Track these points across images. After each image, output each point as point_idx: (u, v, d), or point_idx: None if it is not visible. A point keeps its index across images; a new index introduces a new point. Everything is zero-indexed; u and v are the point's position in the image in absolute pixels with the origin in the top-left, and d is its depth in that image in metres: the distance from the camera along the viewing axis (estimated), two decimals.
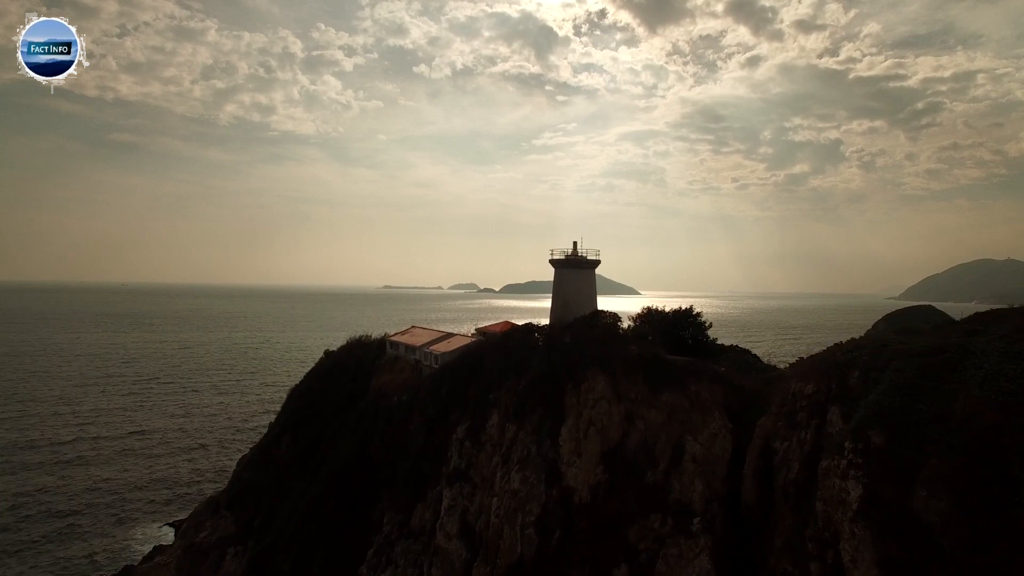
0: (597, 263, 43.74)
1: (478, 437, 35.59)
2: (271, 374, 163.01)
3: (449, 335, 52.00)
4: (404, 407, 41.87)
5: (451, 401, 38.94)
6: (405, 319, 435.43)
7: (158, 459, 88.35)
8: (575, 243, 43.68)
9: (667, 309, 50.96)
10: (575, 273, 42.26)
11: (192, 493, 75.39)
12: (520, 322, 46.27)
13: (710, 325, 48.82)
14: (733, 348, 49.71)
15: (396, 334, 57.77)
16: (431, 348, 47.75)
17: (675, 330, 48.63)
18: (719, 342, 50.56)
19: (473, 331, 61.51)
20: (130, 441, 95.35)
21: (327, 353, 57.86)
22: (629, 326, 52.79)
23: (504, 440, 33.80)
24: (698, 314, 48.72)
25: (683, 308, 49.55)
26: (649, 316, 50.93)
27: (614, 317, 38.97)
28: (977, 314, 33.86)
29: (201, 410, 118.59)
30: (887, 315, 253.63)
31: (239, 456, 71.11)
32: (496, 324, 57.24)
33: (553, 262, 43.26)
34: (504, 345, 39.13)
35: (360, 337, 59.43)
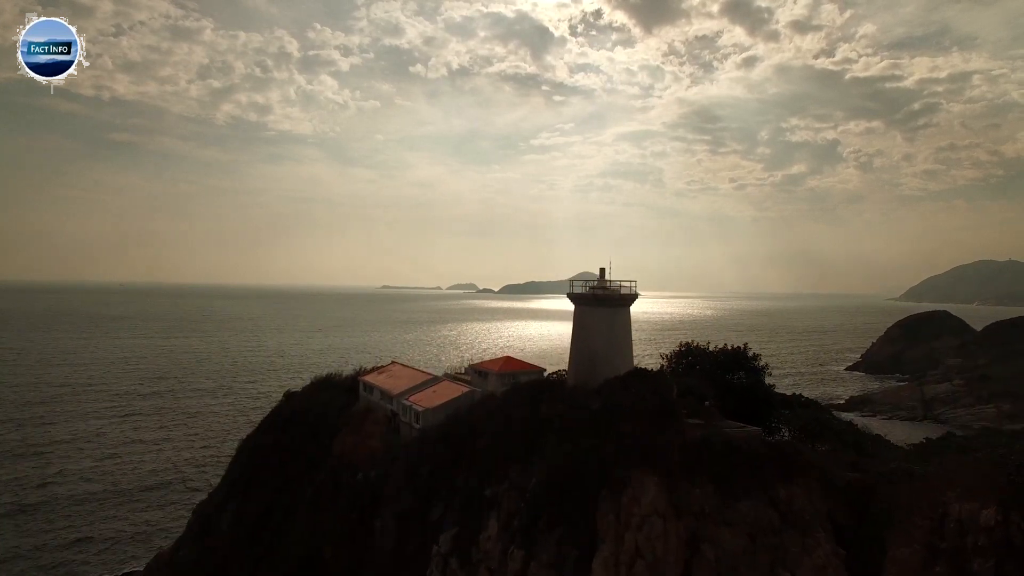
0: (634, 298, 32.85)
1: (468, 554, 24.99)
2: (260, 386, 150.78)
3: (435, 379, 41.32)
4: (371, 488, 31.36)
5: (433, 488, 28.43)
6: (403, 320, 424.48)
7: (119, 499, 76.74)
8: (603, 270, 32.73)
9: (711, 346, 40.51)
10: (604, 313, 30.91)
11: (145, 549, 64.44)
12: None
13: (767, 369, 38.23)
14: (797, 399, 39.03)
15: (372, 372, 47.12)
16: (411, 400, 37.14)
17: (723, 373, 38.22)
18: (774, 385, 40.01)
19: (466, 367, 50.97)
20: (92, 478, 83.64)
21: (288, 396, 47.27)
22: (663, 367, 42.30)
23: (507, 570, 23.21)
24: (754, 356, 38.18)
25: (733, 347, 38.98)
26: (689, 354, 40.51)
27: (662, 379, 28.10)
28: None
29: (178, 433, 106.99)
30: (900, 321, 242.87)
31: (203, 498, 60.48)
32: (494, 361, 46.63)
33: (573, 297, 32.22)
34: (505, 411, 28.58)
35: (328, 375, 48.79)
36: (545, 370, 45.52)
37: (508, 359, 45.74)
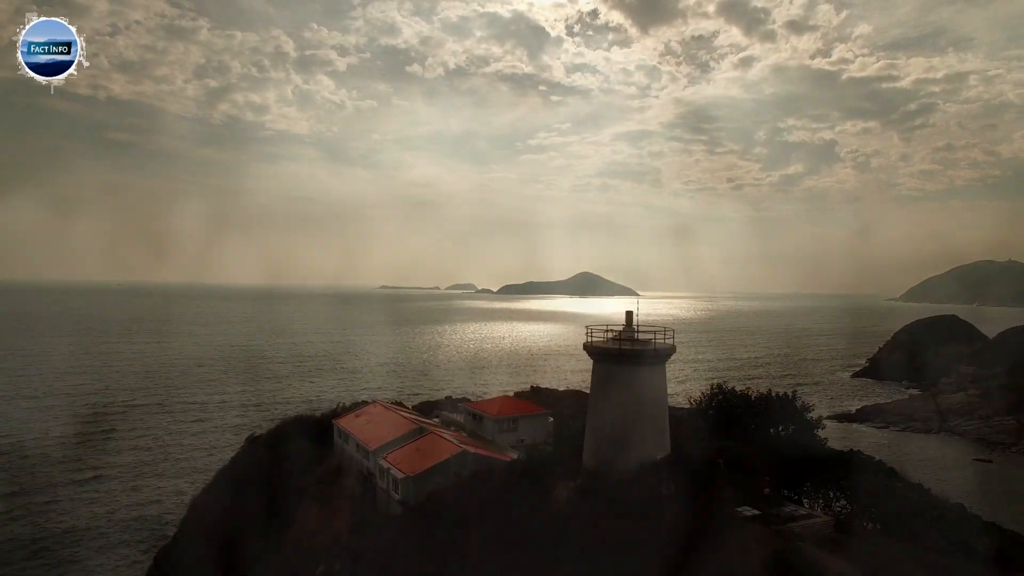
0: (670, 353, 25.54)
1: None
2: (251, 395, 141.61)
3: (420, 430, 34.76)
4: None
5: None
6: (401, 320, 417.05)
7: (81, 537, 68.73)
8: (629, 315, 25.69)
9: (749, 391, 34.24)
10: (633, 374, 23.33)
11: None
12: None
13: (821, 423, 31.82)
14: (854, 457, 32.47)
15: (349, 414, 40.71)
16: (390, 460, 30.71)
17: (766, 426, 31.88)
18: (827, 440, 33.54)
19: (460, 404, 44.69)
20: (54, 513, 75.86)
21: (250, 442, 40.92)
22: (691, 408, 35.97)
23: None
24: (805, 406, 31.85)
25: (778, 394, 32.63)
26: (722, 397, 34.11)
27: (715, 473, 21.51)
28: None
29: (155, 455, 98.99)
30: (907, 325, 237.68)
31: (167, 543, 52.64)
32: (491, 402, 40.37)
33: (591, 350, 24.89)
34: (505, 497, 22.21)
35: (299, 416, 42.47)
36: (549, 413, 39.35)
37: (506, 400, 39.53)
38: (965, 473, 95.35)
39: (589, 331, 25.00)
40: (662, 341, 24.38)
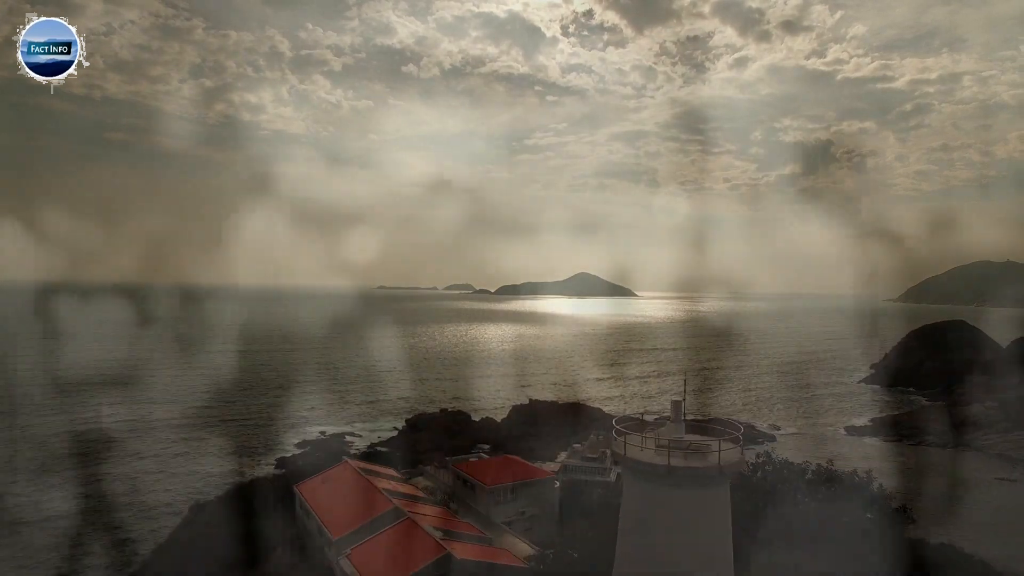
0: (740, 465, 17.08)
1: None
2: (225, 405, 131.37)
3: (395, 511, 28.01)
4: None
5: None
6: (398, 321, 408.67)
7: None
8: (677, 404, 17.73)
9: (807, 465, 27.35)
10: (689, 500, 15.97)
11: None
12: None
13: (910, 512, 24.93)
14: (954, 555, 25.67)
15: (316, 476, 33.94)
16: (354, 562, 23.98)
17: (831, 515, 24.97)
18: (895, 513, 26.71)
19: (448, 461, 37.88)
20: None
21: (194, 511, 34.25)
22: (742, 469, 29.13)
23: None
24: (883, 489, 25.11)
25: (846, 472, 25.80)
26: (773, 478, 27.13)
27: None
28: None
29: (109, 487, 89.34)
30: (915, 330, 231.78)
31: None
32: (486, 465, 33.65)
33: (626, 463, 16.92)
34: None
35: (253, 481, 35.69)
36: (554, 478, 32.72)
37: (503, 464, 32.91)
38: (989, 494, 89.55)
39: (622, 439, 17.00)
40: (725, 447, 16.49)
